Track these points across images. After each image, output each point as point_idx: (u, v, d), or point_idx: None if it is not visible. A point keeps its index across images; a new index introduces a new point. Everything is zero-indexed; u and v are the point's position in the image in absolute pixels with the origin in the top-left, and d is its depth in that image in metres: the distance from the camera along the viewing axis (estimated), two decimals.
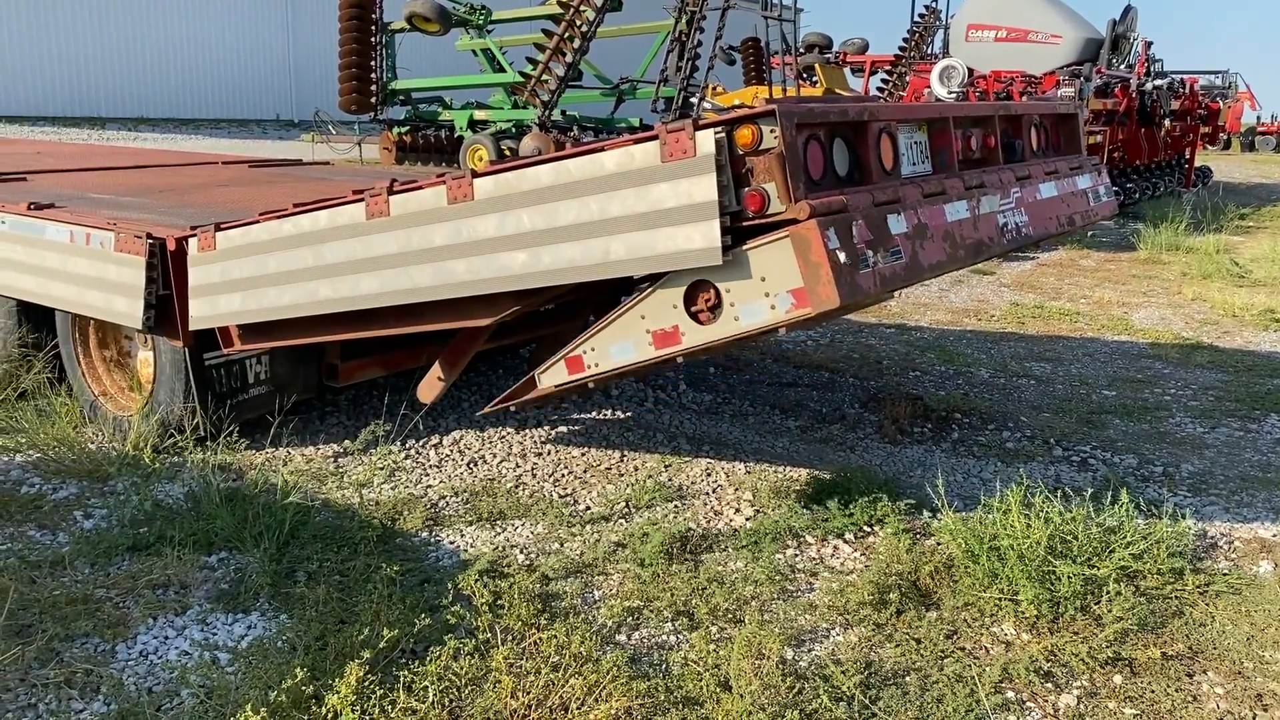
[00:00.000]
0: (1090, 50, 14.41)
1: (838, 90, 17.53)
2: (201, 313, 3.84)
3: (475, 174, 3.11)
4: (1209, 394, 5.70)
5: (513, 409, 3.93)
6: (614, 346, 3.11)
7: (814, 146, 2.91)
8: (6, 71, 21.13)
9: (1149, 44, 15.57)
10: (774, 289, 2.77)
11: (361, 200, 3.36)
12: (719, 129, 2.71)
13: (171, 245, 3.85)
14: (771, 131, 2.69)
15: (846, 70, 18.86)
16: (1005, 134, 4.08)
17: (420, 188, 3.25)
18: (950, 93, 12.71)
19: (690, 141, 2.72)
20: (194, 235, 3.82)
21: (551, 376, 3.27)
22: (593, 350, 3.16)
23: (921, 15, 16.76)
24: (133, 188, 5.39)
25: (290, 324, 3.75)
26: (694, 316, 2.93)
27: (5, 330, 4.72)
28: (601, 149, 2.89)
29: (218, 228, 3.75)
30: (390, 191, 3.30)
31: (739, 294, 2.83)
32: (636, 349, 3.06)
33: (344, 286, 3.47)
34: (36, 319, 4.65)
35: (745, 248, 2.77)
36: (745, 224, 2.75)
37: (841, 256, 2.71)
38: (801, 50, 17.95)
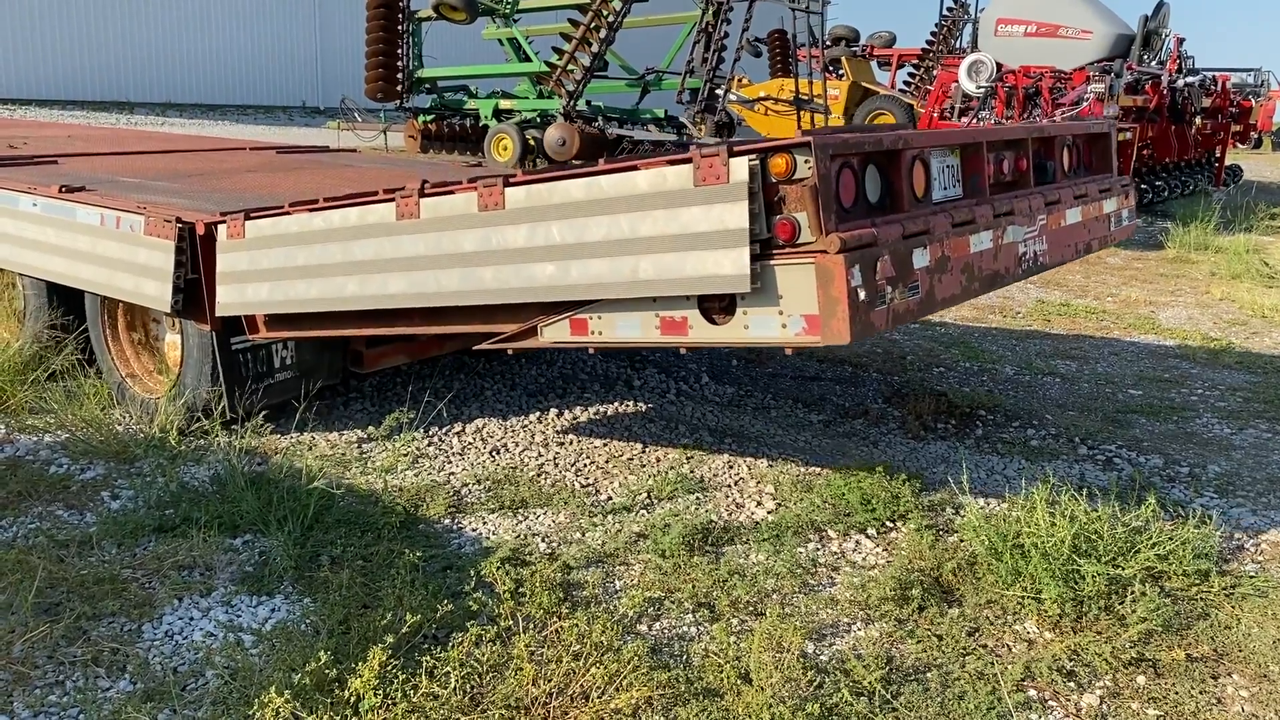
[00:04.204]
0: (1121, 46, 14.22)
1: (864, 84, 17.41)
2: (229, 299, 3.86)
3: (507, 182, 3.10)
4: (1237, 395, 5.64)
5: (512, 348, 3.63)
6: (621, 319, 3.06)
7: (846, 174, 2.88)
8: (36, 56, 21.31)
9: (1181, 40, 15.34)
10: (789, 309, 2.75)
11: (392, 200, 3.36)
12: (753, 156, 2.69)
13: (201, 230, 3.88)
14: (805, 162, 2.67)
15: (873, 63, 18.74)
16: (1038, 155, 4.03)
17: (452, 192, 3.24)
18: (978, 87, 12.61)
19: (724, 167, 2.70)
20: (223, 221, 3.84)
21: (554, 332, 3.22)
22: (599, 318, 3.11)
23: (950, 9, 16.62)
24: (161, 172, 5.43)
25: (316, 316, 3.76)
26: (705, 313, 2.91)
27: (36, 311, 4.78)
28: (635, 167, 2.88)
29: (248, 215, 3.77)
30: (421, 194, 3.30)
31: (754, 305, 2.81)
32: (643, 329, 3.03)
33: (372, 285, 3.47)
34: (66, 301, 4.70)
35: (771, 262, 2.75)
36: (775, 251, 2.74)
37: (861, 294, 2.69)
38: (828, 43, 17.84)
